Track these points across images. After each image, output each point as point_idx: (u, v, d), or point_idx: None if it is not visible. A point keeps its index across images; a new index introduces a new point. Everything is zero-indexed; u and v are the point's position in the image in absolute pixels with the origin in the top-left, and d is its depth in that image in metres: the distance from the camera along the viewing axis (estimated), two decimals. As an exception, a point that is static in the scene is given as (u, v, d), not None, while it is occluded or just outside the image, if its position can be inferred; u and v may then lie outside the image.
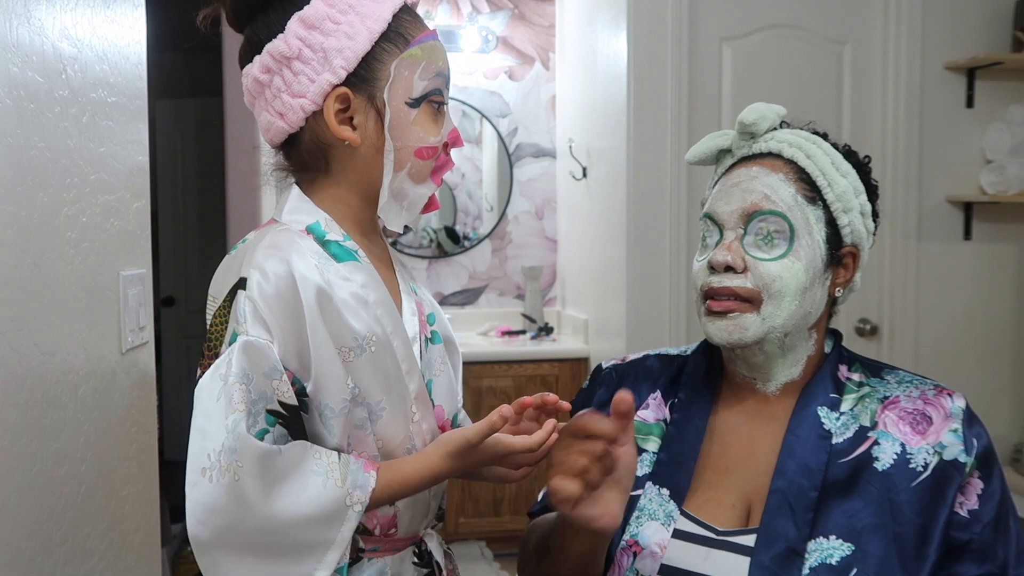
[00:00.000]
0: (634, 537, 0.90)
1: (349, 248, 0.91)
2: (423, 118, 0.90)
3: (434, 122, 0.91)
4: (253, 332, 0.83)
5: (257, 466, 0.81)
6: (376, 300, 0.89)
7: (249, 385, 0.82)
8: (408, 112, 0.89)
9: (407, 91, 0.89)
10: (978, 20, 2.72)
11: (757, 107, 0.95)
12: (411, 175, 0.91)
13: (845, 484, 0.86)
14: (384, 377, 0.89)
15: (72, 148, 1.14)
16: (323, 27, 0.87)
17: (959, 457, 0.85)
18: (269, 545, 0.82)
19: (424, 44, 0.91)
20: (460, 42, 3.44)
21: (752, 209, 0.90)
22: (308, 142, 0.91)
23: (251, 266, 0.85)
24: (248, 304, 0.83)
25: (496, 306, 3.62)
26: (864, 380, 0.94)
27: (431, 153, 0.91)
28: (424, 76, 0.90)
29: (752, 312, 0.88)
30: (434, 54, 0.91)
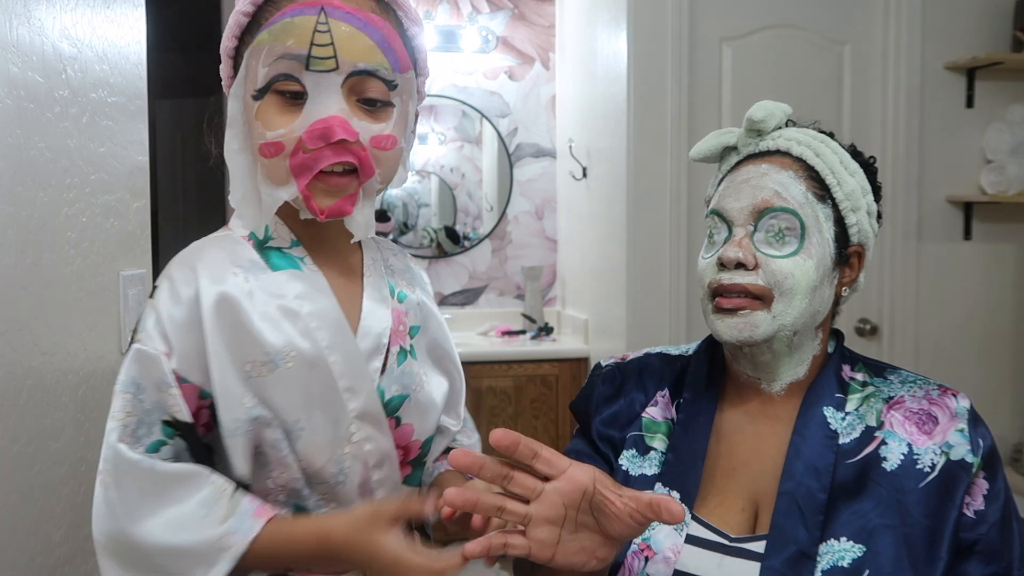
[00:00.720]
0: (646, 541, 0.90)
1: (293, 256, 0.87)
2: (266, 110, 0.80)
3: (280, 113, 0.80)
4: (148, 342, 0.79)
5: (125, 479, 0.77)
6: (312, 312, 0.84)
7: (139, 395, 0.78)
8: (252, 106, 0.81)
9: (253, 82, 0.81)
10: (978, 20, 2.72)
11: (765, 104, 0.94)
12: (266, 175, 0.82)
13: (853, 485, 0.85)
14: (304, 394, 0.82)
15: (72, 148, 1.14)
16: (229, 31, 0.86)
17: (966, 457, 0.85)
18: (143, 564, 0.77)
19: (274, 25, 0.79)
20: (460, 42, 3.44)
21: (763, 206, 0.89)
22: None
23: (164, 275, 0.83)
24: (151, 315, 0.81)
25: (496, 306, 3.61)
26: (868, 380, 0.94)
27: (273, 150, 0.80)
28: (267, 61, 0.79)
29: (763, 310, 0.87)
30: (284, 33, 0.78)
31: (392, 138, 0.83)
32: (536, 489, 0.71)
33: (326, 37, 0.78)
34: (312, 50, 0.78)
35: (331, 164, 0.79)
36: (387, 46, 0.81)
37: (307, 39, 0.78)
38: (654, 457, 0.95)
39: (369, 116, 0.82)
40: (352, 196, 0.83)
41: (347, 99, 0.80)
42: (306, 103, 0.79)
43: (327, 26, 0.78)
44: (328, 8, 0.79)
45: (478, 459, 0.70)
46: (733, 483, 0.91)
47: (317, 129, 0.78)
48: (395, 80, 0.83)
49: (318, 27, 0.78)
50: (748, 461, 0.92)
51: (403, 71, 0.84)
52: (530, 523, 0.70)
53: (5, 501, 0.99)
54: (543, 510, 0.70)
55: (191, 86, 4.37)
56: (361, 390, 0.85)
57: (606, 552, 0.74)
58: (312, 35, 0.78)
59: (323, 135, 0.78)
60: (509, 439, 0.69)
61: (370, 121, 0.82)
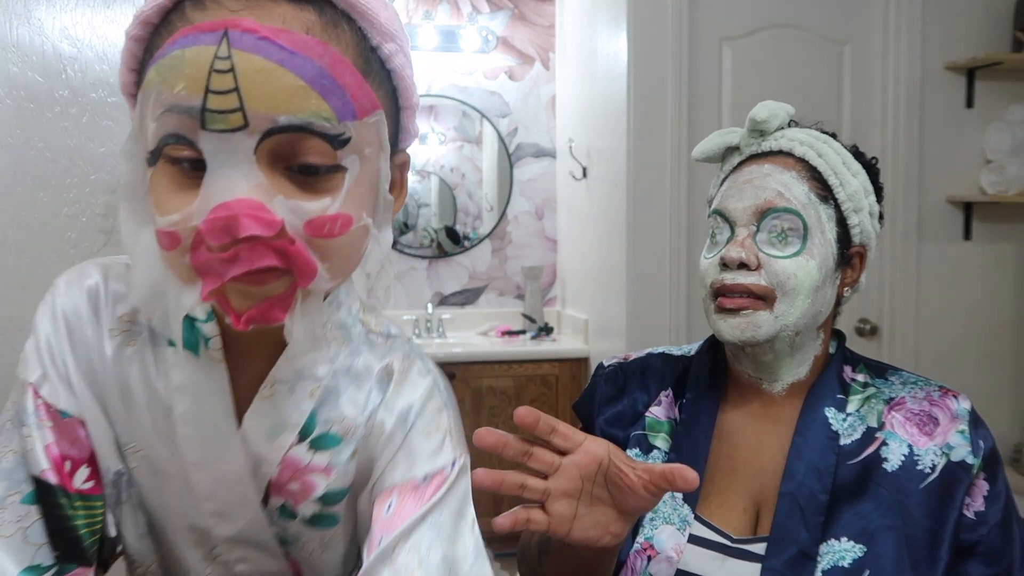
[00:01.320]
0: (648, 540, 0.90)
1: (201, 332, 0.64)
2: (157, 182, 0.55)
3: (174, 189, 0.54)
4: (22, 369, 0.65)
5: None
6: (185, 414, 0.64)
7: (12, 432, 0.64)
8: (146, 173, 0.56)
9: (145, 140, 0.55)
10: (978, 20, 2.72)
11: (768, 105, 0.94)
12: (171, 269, 0.56)
13: (855, 486, 0.85)
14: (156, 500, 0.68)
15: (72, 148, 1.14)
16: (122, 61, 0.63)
17: (966, 459, 0.85)
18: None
19: (161, 61, 0.52)
20: (460, 42, 3.44)
21: (766, 206, 0.89)
22: None
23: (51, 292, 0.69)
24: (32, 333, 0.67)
25: (496, 306, 3.61)
26: (869, 381, 0.94)
27: (170, 241, 0.54)
28: (155, 115, 0.53)
29: (765, 310, 0.87)
30: (172, 73, 0.52)
31: (342, 219, 0.56)
32: (554, 464, 0.73)
33: (227, 80, 0.51)
34: (208, 99, 0.51)
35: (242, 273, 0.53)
36: (328, 84, 0.53)
37: (201, 83, 0.51)
38: (657, 456, 0.95)
39: (303, 191, 0.55)
40: (283, 300, 0.55)
41: (267, 169, 0.53)
42: (204, 178, 0.53)
43: (229, 62, 0.51)
44: (233, 33, 0.51)
45: (502, 437, 0.72)
46: (735, 483, 0.91)
47: (218, 219, 0.51)
48: (344, 133, 0.55)
49: (216, 64, 0.51)
50: (750, 462, 0.92)
51: (360, 116, 0.55)
52: (549, 498, 0.73)
53: (5, 501, 0.98)
54: (561, 483, 0.73)
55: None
56: (238, 518, 0.67)
57: (620, 527, 0.75)
58: (208, 77, 0.51)
59: (226, 229, 0.51)
60: (532, 415, 0.73)
61: (304, 198, 0.54)
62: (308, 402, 0.66)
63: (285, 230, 0.53)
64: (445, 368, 3.29)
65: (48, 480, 0.62)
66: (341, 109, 0.54)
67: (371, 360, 0.69)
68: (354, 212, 0.57)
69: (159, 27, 0.56)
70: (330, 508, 0.68)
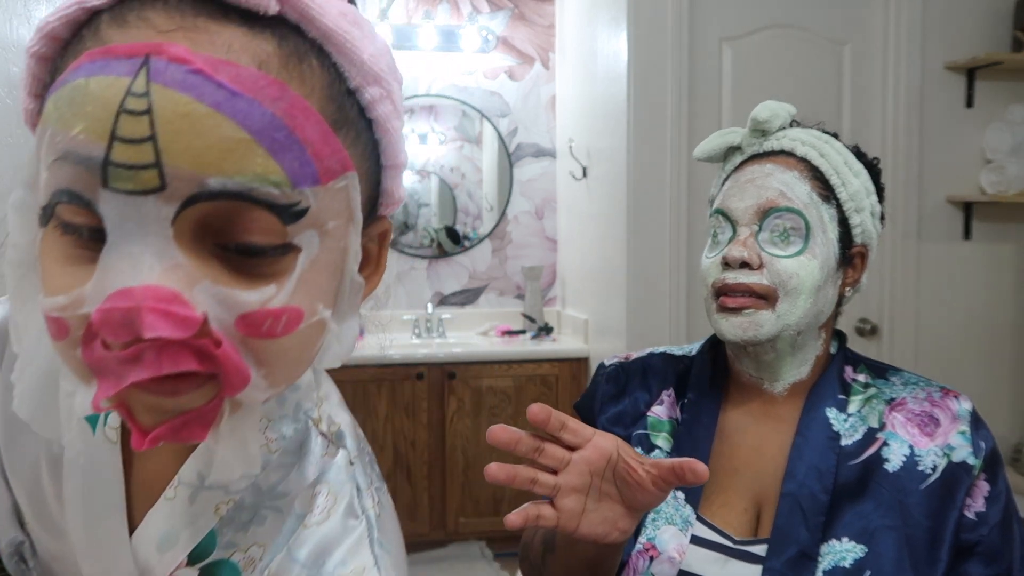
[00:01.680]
0: (651, 541, 0.90)
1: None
2: (47, 251, 0.41)
3: (66, 263, 0.40)
4: None
5: None
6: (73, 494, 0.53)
7: None
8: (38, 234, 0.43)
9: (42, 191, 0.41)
10: (978, 20, 2.72)
11: (770, 105, 0.94)
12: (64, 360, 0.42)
13: (856, 486, 0.86)
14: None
15: (72, 148, 1.14)
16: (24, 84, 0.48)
17: (967, 460, 0.85)
18: None
19: (61, 90, 0.40)
20: (460, 42, 3.44)
21: (768, 206, 0.89)
22: None
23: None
24: None
25: (496, 306, 3.61)
26: (870, 381, 0.94)
27: (55, 330, 0.41)
28: (47, 160, 0.40)
29: (767, 309, 0.87)
30: (70, 110, 0.39)
31: (289, 313, 0.42)
32: (564, 459, 0.73)
33: (142, 125, 0.38)
34: (113, 149, 0.38)
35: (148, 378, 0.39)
36: (281, 138, 0.40)
37: (106, 126, 0.38)
38: (658, 456, 0.95)
39: (238, 276, 0.41)
40: (204, 414, 0.42)
41: (189, 246, 0.40)
42: (103, 253, 0.39)
43: (146, 101, 0.38)
44: (156, 62, 0.38)
45: (515, 433, 0.72)
46: (736, 483, 0.91)
47: (116, 311, 0.38)
48: (299, 203, 0.41)
49: (127, 103, 0.38)
50: (751, 462, 0.92)
51: (323, 180, 0.42)
52: (559, 493, 0.73)
53: (5, 501, 0.98)
54: (571, 479, 0.73)
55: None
56: None
57: (627, 523, 0.75)
58: (116, 119, 0.38)
59: (126, 323, 0.38)
60: (544, 412, 0.73)
61: (239, 286, 0.41)
62: (210, 517, 0.52)
63: (207, 328, 0.40)
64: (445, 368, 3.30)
65: None
66: (297, 172, 0.40)
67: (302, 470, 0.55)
68: (306, 304, 0.43)
69: (69, 44, 0.42)
70: None
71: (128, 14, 0.40)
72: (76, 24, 0.42)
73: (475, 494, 3.12)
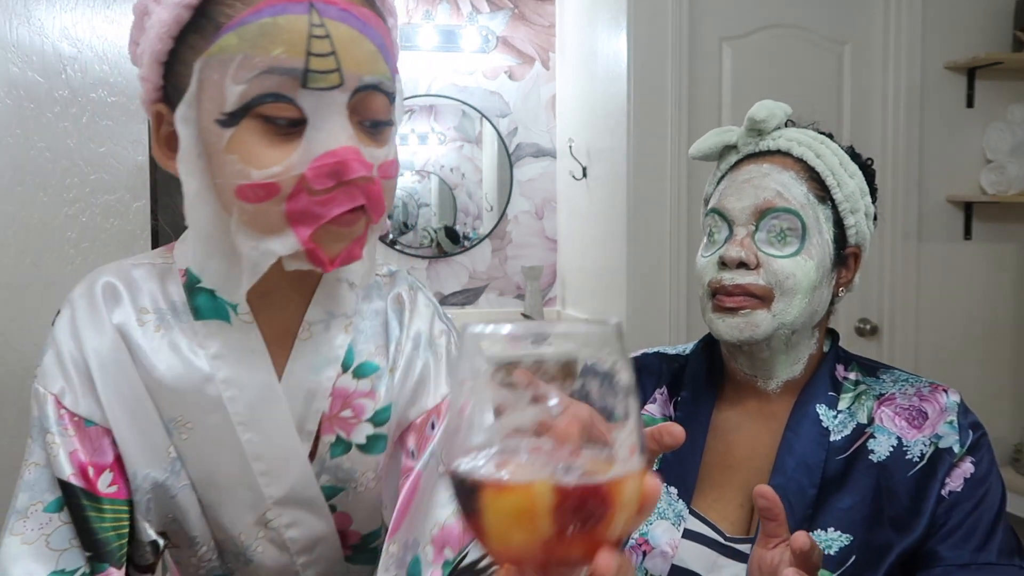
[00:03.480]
0: (644, 536, 0.91)
1: (224, 302, 0.69)
2: (244, 141, 0.59)
3: (269, 145, 0.59)
4: (41, 379, 0.68)
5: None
6: (229, 379, 0.68)
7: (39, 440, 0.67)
8: (220, 134, 0.60)
9: (217, 103, 0.59)
10: (978, 20, 2.72)
11: (767, 104, 0.95)
12: (244, 222, 0.61)
13: (842, 478, 0.87)
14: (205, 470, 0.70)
15: (72, 148, 1.14)
16: (143, 22, 0.65)
17: (953, 447, 0.86)
18: None
19: (246, 27, 0.57)
20: (460, 42, 3.44)
21: (765, 206, 0.90)
22: None
23: (67, 299, 0.70)
24: (50, 347, 0.68)
25: (496, 306, 3.61)
26: (860, 379, 0.95)
27: (262, 193, 0.59)
28: (241, 77, 0.58)
29: (763, 309, 0.88)
30: (266, 39, 0.57)
31: (396, 164, 0.66)
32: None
33: (325, 44, 0.58)
34: (310, 61, 0.58)
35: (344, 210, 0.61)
36: (386, 50, 0.63)
37: (302, 47, 0.57)
38: None
39: (374, 141, 0.64)
40: (361, 238, 0.64)
41: (352, 121, 0.62)
42: (306, 131, 0.60)
43: (324, 29, 0.58)
44: (318, 4, 0.58)
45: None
46: (730, 480, 0.92)
47: (326, 165, 0.59)
48: (394, 92, 0.65)
49: (313, 31, 0.58)
50: (744, 458, 0.93)
51: (395, 73, 0.66)
52: None
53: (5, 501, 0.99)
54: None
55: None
56: (288, 474, 0.70)
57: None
58: (307, 42, 0.58)
59: (334, 173, 0.59)
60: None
61: (375, 147, 0.63)
62: (344, 336, 0.72)
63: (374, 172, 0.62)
64: (445, 368, 3.19)
65: (73, 484, 0.65)
66: (393, 72, 0.64)
67: (381, 294, 0.76)
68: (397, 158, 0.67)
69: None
70: (380, 428, 0.72)
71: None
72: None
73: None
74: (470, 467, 0.38)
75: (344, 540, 0.76)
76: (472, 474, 0.38)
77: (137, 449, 0.69)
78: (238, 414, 0.69)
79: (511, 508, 0.36)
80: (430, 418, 0.72)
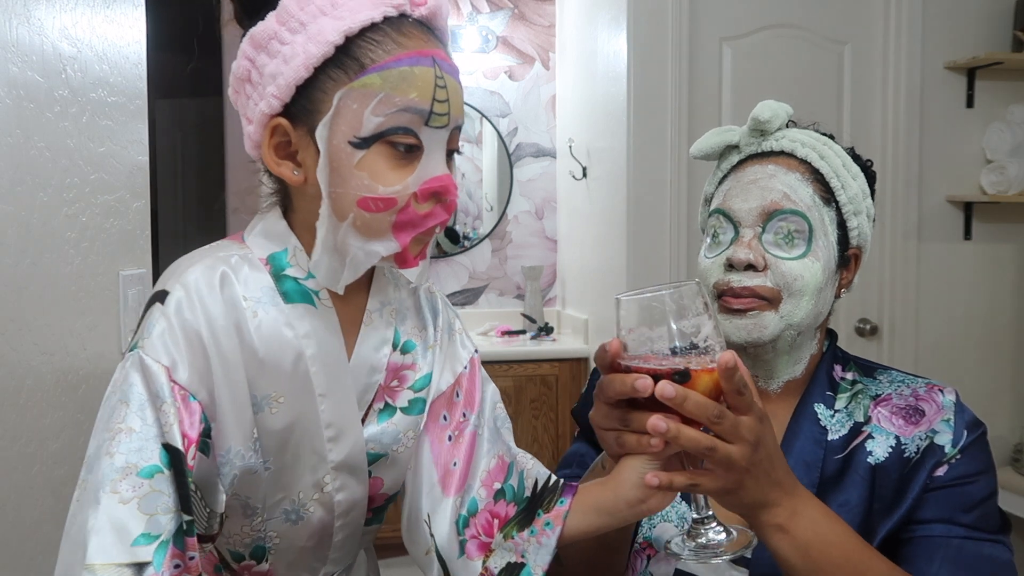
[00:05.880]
0: (647, 539, 0.91)
1: (308, 288, 0.80)
2: (374, 161, 0.74)
3: (394, 168, 0.74)
4: (151, 351, 0.73)
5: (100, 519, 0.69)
6: (315, 355, 0.79)
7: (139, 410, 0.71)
8: (352, 153, 0.74)
9: (353, 127, 0.73)
10: (978, 20, 2.72)
11: (770, 104, 0.95)
12: (356, 227, 0.76)
13: (838, 477, 0.87)
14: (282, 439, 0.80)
15: (72, 148, 1.14)
16: (269, 47, 0.75)
17: (946, 446, 0.87)
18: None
19: (388, 71, 0.73)
20: (460, 42, 3.44)
21: (772, 208, 0.90)
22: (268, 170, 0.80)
23: (178, 281, 0.76)
24: (160, 322, 0.74)
25: (496, 306, 3.61)
26: (857, 379, 0.95)
27: (382, 205, 0.74)
28: (381, 111, 0.73)
29: (771, 311, 0.88)
30: (405, 84, 0.73)
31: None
32: None
33: (444, 93, 0.75)
34: (434, 106, 0.74)
35: (437, 222, 0.77)
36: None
37: (429, 94, 0.74)
38: None
39: (450, 167, 0.79)
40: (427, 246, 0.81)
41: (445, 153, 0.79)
42: (421, 159, 0.75)
43: (444, 80, 0.75)
44: (438, 60, 0.76)
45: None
46: None
47: (432, 188, 0.75)
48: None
49: (437, 82, 0.74)
50: None
51: None
52: None
53: (5, 501, 0.99)
54: None
55: (191, 86, 4.38)
56: (347, 439, 0.82)
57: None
58: (434, 90, 0.74)
59: (436, 194, 0.75)
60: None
61: (448, 168, 0.79)
62: (392, 321, 0.87)
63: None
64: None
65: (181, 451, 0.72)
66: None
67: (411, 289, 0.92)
68: None
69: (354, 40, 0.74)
70: (419, 393, 0.88)
71: (404, 28, 0.75)
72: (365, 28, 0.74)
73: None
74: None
75: (371, 503, 0.88)
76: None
77: (232, 426, 0.76)
78: (320, 386, 0.80)
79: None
80: (455, 388, 0.90)
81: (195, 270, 0.77)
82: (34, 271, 1.04)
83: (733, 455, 0.69)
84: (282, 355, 0.78)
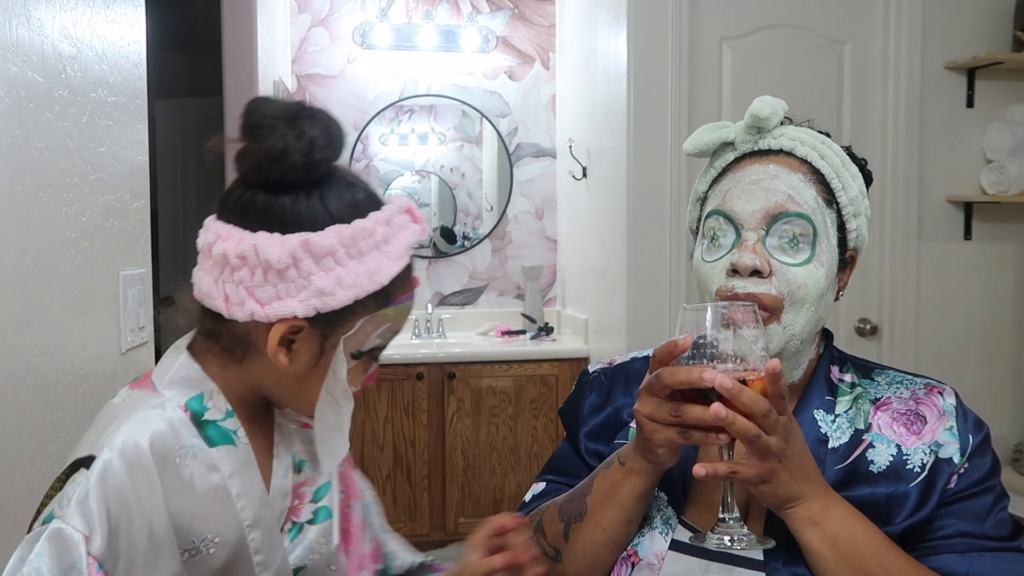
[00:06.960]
0: (634, 547, 0.89)
1: (227, 429, 0.83)
2: (356, 369, 0.84)
3: (362, 372, 0.85)
4: (70, 519, 0.72)
5: None
6: (240, 492, 0.82)
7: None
8: (347, 361, 0.82)
9: (359, 344, 0.82)
10: (978, 20, 2.72)
11: (768, 100, 0.91)
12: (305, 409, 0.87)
13: (842, 487, 0.85)
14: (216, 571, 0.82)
15: (72, 148, 1.14)
16: (323, 262, 0.77)
17: (954, 457, 0.85)
18: None
19: (400, 306, 0.83)
20: (460, 42, 3.44)
21: (777, 210, 0.86)
22: (237, 334, 0.81)
23: (106, 445, 0.76)
24: (81, 489, 0.74)
25: (496, 306, 3.61)
26: (856, 381, 0.93)
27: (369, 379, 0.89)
28: (383, 335, 0.83)
29: (773, 322, 0.85)
30: (401, 315, 0.84)
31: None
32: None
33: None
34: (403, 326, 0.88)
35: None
36: None
37: (403, 321, 0.85)
38: None
39: None
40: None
41: None
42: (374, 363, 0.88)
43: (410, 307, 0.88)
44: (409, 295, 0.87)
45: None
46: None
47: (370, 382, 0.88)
48: None
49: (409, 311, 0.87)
50: None
51: None
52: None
53: (5, 501, 0.99)
54: None
55: (191, 86, 4.38)
56: (274, 563, 0.86)
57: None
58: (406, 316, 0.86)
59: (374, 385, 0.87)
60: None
61: None
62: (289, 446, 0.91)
63: None
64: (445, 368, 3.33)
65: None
66: None
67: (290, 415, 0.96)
68: None
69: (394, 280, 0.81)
70: (319, 503, 0.92)
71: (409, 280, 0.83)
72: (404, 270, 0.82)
73: (475, 494, 3.12)
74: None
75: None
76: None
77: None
78: (248, 519, 0.83)
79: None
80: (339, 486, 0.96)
81: (123, 432, 0.77)
82: (34, 271, 1.04)
83: (772, 444, 0.75)
84: (213, 498, 0.81)
